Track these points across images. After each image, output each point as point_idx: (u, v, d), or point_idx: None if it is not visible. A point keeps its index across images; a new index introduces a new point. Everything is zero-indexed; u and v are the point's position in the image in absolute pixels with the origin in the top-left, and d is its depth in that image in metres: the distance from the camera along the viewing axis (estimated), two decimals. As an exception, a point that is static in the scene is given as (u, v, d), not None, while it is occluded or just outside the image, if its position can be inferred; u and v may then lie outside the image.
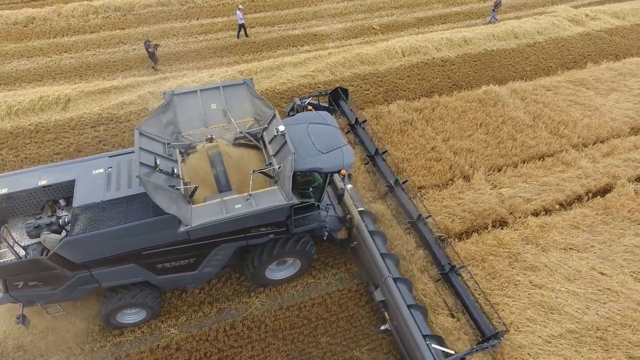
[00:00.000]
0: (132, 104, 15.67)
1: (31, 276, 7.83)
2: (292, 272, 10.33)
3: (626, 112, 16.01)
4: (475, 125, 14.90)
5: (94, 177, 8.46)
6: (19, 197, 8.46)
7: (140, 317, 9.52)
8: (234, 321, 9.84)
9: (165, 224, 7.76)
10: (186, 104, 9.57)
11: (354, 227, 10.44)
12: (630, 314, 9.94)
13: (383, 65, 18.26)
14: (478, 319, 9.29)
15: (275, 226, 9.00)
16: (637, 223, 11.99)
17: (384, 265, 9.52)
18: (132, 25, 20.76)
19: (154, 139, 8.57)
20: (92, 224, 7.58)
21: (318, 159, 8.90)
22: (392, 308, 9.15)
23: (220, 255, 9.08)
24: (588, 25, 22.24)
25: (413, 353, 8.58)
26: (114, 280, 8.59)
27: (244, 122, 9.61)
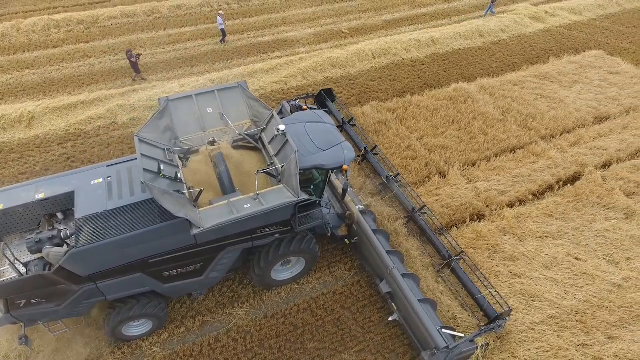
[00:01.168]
0: (100, 119, 15.25)
1: (34, 293, 7.57)
2: (297, 271, 10.33)
3: (589, 102, 16.64)
4: (447, 122, 15.17)
5: (94, 187, 8.29)
6: (15, 212, 8.20)
7: (146, 329, 9.31)
8: (219, 334, 9.61)
9: (173, 229, 7.70)
10: (182, 109, 9.50)
11: (354, 223, 10.50)
12: (607, 296, 10.24)
13: (354, 68, 18.42)
14: (482, 302, 9.44)
15: (281, 225, 9.00)
16: (606, 208, 12.42)
17: (388, 257, 9.65)
18: (97, 38, 20.25)
19: (153, 145, 8.45)
20: (98, 234, 7.40)
21: (319, 156, 9.02)
22: (400, 298, 9.25)
23: (227, 259, 9.03)
24: (548, 21, 23.10)
25: (424, 339, 8.72)
26: (121, 292, 8.36)
27: (241, 124, 9.62)
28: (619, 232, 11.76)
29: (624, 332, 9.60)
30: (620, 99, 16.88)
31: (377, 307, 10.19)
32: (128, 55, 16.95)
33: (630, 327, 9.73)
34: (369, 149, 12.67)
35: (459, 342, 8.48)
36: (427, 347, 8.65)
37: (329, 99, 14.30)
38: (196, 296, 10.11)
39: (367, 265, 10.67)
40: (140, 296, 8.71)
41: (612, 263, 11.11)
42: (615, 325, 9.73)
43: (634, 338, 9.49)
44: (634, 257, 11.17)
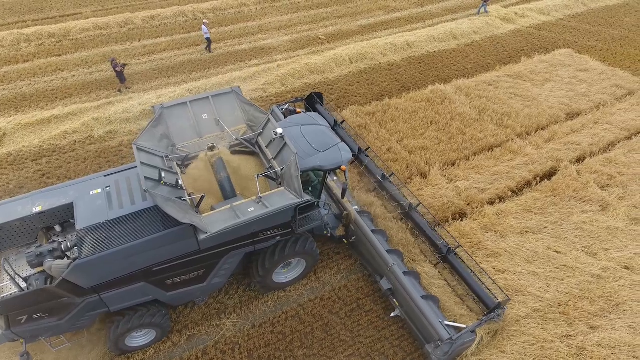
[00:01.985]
0: (75, 133, 14.93)
1: (36, 308, 7.41)
2: (298, 273, 10.41)
3: (561, 99, 17.15)
4: (426, 123, 15.40)
5: (93, 197, 8.18)
6: (12, 227, 8.05)
7: (149, 339, 9.18)
8: (206, 347, 9.44)
9: (177, 236, 7.69)
10: (177, 116, 9.47)
11: (351, 222, 10.63)
12: (587, 287, 10.49)
13: (332, 74, 18.55)
14: (480, 293, 9.58)
15: (282, 228, 9.03)
16: (582, 201, 12.76)
17: (387, 254, 9.82)
18: (69, 51, 19.85)
19: (151, 153, 8.38)
20: (102, 245, 7.32)
21: (317, 158, 9.13)
22: (401, 294, 9.44)
23: (229, 264, 9.01)
24: (518, 22, 23.78)
25: (427, 332, 8.95)
26: (124, 302, 8.23)
27: (237, 129, 9.65)
28: (595, 224, 12.09)
29: (605, 321, 9.84)
30: (590, 95, 17.46)
31: (365, 311, 10.20)
32: (113, 65, 16.72)
33: (611, 315, 9.98)
34: (363, 149, 12.90)
35: (461, 332, 8.72)
36: (431, 339, 8.90)
37: (319, 102, 14.42)
38: (199, 303, 10.05)
39: (366, 263, 10.78)
40: (143, 306, 8.59)
41: (591, 254, 11.40)
42: (597, 315, 9.97)
43: (614, 326, 9.74)
44: (610, 248, 11.50)
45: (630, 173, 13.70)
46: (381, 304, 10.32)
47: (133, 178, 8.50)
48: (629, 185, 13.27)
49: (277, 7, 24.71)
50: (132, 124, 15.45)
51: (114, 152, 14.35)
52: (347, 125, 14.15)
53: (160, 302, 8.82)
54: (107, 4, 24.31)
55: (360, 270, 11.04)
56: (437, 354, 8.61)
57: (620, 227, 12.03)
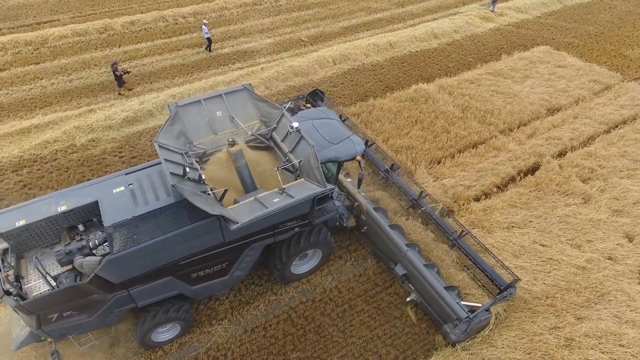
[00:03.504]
0: (57, 142, 14.63)
1: (67, 306, 7.53)
2: (314, 264, 10.68)
3: (541, 95, 17.49)
4: (411, 123, 15.53)
5: (117, 195, 8.30)
6: (38, 227, 8.10)
7: (174, 333, 9.38)
8: (198, 354, 9.33)
9: (203, 229, 7.89)
10: (192, 113, 9.59)
11: (362, 213, 10.93)
12: (573, 279, 10.70)
13: (316, 75, 18.58)
14: (491, 274, 9.96)
15: (300, 219, 9.29)
16: (565, 194, 13.03)
17: (400, 241, 10.19)
18: (48, 59, 19.46)
19: (171, 150, 8.56)
20: (131, 240, 7.47)
21: (332, 150, 9.49)
22: (416, 278, 9.81)
23: (250, 256, 9.26)
24: (497, 21, 24.20)
25: (444, 312, 9.32)
26: (151, 297, 8.41)
27: (250, 125, 9.82)
28: (578, 216, 12.36)
29: (592, 312, 10.05)
30: (569, 91, 17.86)
31: (357, 311, 10.22)
32: (113, 68, 16.66)
33: (597, 306, 10.21)
34: (367, 142, 13.08)
35: (478, 311, 9.09)
36: (448, 320, 9.27)
37: (320, 99, 14.50)
38: (220, 297, 10.21)
39: (379, 251, 11.07)
40: (168, 301, 8.75)
41: (575, 246, 11.65)
42: (583, 306, 10.18)
43: (600, 316, 9.96)
44: (594, 239, 11.76)
45: (610, 166, 14.05)
46: (373, 304, 10.37)
47: (154, 175, 8.73)
48: (609, 178, 13.60)
49: (259, 10, 24.65)
50: (115, 131, 15.21)
51: (97, 161, 14.10)
52: (351, 122, 14.27)
53: (184, 296, 9.01)
54: (84, 10, 23.92)
55: (350, 271, 11.08)
56: (455, 333, 9.07)
57: (602, 219, 12.32)
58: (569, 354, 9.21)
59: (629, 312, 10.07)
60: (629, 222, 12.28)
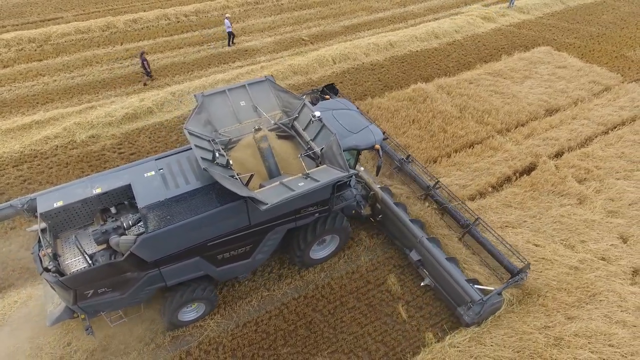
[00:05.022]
0: (57, 138, 14.83)
1: (102, 283, 7.96)
2: (332, 249, 11.11)
3: (540, 96, 17.47)
4: (408, 122, 15.58)
5: (149, 179, 8.73)
6: (74, 208, 8.53)
7: (199, 313, 9.82)
8: (190, 348, 9.46)
9: (231, 211, 8.32)
10: (217, 103, 10.06)
11: (378, 202, 11.34)
12: (564, 278, 10.72)
13: (316, 74, 18.67)
14: (503, 260, 10.34)
15: (321, 205, 9.70)
16: (560, 195, 13.04)
17: (415, 228, 10.61)
18: (50, 56, 19.69)
19: (200, 137, 8.97)
20: (165, 220, 7.90)
21: (353, 138, 9.97)
22: (431, 263, 10.22)
23: (272, 240, 9.66)
24: (499, 21, 24.15)
25: (458, 295, 9.68)
26: (179, 277, 8.83)
27: (273, 115, 10.23)
28: (573, 217, 12.36)
29: (582, 312, 10.08)
30: (568, 91, 17.82)
31: (348, 308, 10.30)
32: (142, 59, 17.23)
33: (588, 306, 10.23)
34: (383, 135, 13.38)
35: (491, 294, 9.49)
36: (462, 302, 9.62)
37: (333, 92, 14.75)
38: (241, 279, 10.63)
39: (394, 239, 11.49)
40: (195, 281, 9.18)
41: (569, 247, 11.66)
42: (574, 306, 10.20)
43: (591, 316, 9.98)
44: (587, 240, 11.76)
45: (606, 167, 14.03)
46: (364, 301, 10.45)
47: (183, 161, 9.16)
48: (606, 179, 13.58)
49: (261, 9, 24.77)
50: (115, 128, 15.40)
51: (96, 157, 14.28)
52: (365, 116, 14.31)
53: (209, 277, 9.42)
54: (88, 7, 24.16)
55: (343, 269, 11.17)
56: (469, 315, 9.41)
57: (597, 220, 12.32)
58: (558, 353, 9.25)
59: (620, 313, 10.09)
60: (624, 223, 12.27)
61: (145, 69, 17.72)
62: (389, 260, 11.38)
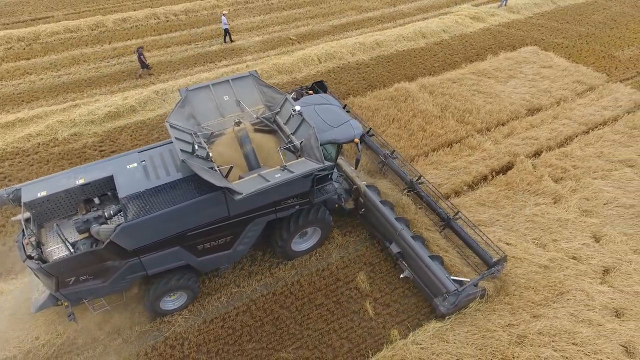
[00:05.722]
0: (39, 135, 14.99)
1: (83, 270, 8.21)
2: (314, 241, 11.35)
3: (523, 96, 17.47)
4: (388, 121, 15.62)
5: (131, 170, 8.95)
6: (58, 198, 8.74)
7: (181, 302, 10.07)
8: (156, 342, 9.57)
9: (210, 202, 8.52)
10: (200, 98, 10.22)
11: (360, 196, 11.59)
12: (533, 277, 10.74)
13: (300, 73, 18.74)
14: (481, 252, 10.54)
15: (301, 197, 9.92)
16: (536, 194, 13.05)
17: (395, 221, 10.82)
18: (38, 55, 19.87)
19: (181, 130, 9.16)
20: (144, 210, 8.12)
21: (332, 132, 10.12)
22: (409, 255, 10.47)
23: (253, 232, 9.86)
24: (488, 21, 24.13)
25: (435, 286, 9.91)
26: (160, 266, 9.02)
27: (256, 109, 10.41)
28: (546, 215, 12.38)
29: (548, 310, 10.10)
30: (552, 91, 17.80)
31: (316, 304, 10.37)
32: (139, 53, 17.85)
33: (554, 304, 10.25)
34: (370, 132, 13.65)
35: (466, 285, 9.69)
36: (438, 294, 9.80)
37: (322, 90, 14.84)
38: (223, 270, 10.84)
39: (376, 232, 11.67)
40: (176, 270, 9.38)
41: (540, 245, 11.68)
42: (540, 304, 10.23)
43: (557, 315, 10.00)
44: (559, 239, 11.78)
45: (584, 166, 14.02)
46: (332, 298, 10.52)
47: (165, 154, 9.40)
48: (583, 178, 13.58)
49: (250, 9, 24.88)
50: (97, 126, 15.54)
51: (77, 154, 14.42)
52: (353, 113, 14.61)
53: (191, 268, 9.63)
54: (79, 6, 24.35)
55: (314, 266, 11.24)
56: (445, 305, 9.60)
57: (570, 219, 12.34)
58: (520, 351, 9.28)
59: (586, 312, 10.10)
60: (598, 223, 12.27)
61: (142, 62, 18.19)
62: (360, 258, 11.44)
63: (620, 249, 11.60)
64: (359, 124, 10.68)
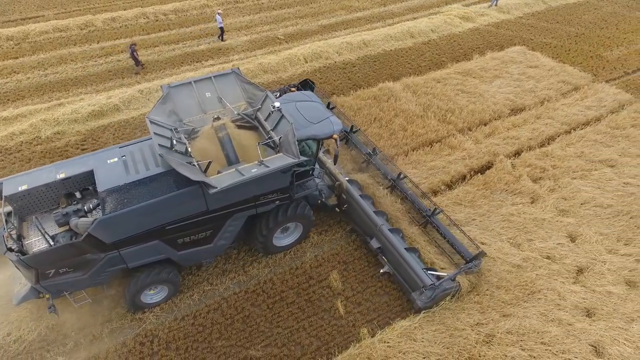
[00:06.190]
0: (22, 134, 15.07)
1: (63, 263, 8.35)
2: (296, 237, 11.46)
3: (507, 95, 17.47)
4: (369, 120, 15.65)
5: (111, 165, 9.06)
6: (38, 192, 8.88)
7: (162, 296, 10.16)
8: (126, 339, 9.64)
9: (187, 196, 8.66)
10: (183, 94, 10.32)
11: (343, 192, 11.72)
12: (505, 276, 10.78)
13: (286, 73, 18.78)
14: (459, 248, 10.74)
15: (280, 192, 10.06)
16: (513, 194, 13.07)
17: (376, 216, 11.00)
18: (27, 54, 19.95)
19: (162, 125, 9.30)
20: (122, 203, 8.24)
21: (312, 128, 10.22)
22: (389, 250, 10.64)
23: (233, 226, 9.96)
24: (477, 21, 24.11)
25: (413, 281, 10.07)
26: (140, 259, 9.15)
27: (237, 106, 10.50)
28: (522, 215, 12.40)
29: (518, 309, 10.13)
30: (536, 91, 17.81)
31: (287, 303, 10.43)
32: (131, 49, 18.09)
33: (525, 304, 10.28)
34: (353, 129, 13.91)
35: (443, 279, 9.88)
36: (416, 288, 9.98)
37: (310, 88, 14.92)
38: (207, 264, 10.90)
39: (357, 227, 11.82)
40: (157, 264, 9.50)
41: (515, 245, 11.71)
42: (510, 304, 10.26)
43: (526, 314, 10.04)
44: (534, 238, 11.81)
45: (564, 166, 14.03)
46: (304, 296, 10.57)
47: (146, 149, 9.50)
48: (561, 178, 13.60)
49: (240, 8, 24.92)
50: (80, 125, 15.61)
51: (59, 153, 14.49)
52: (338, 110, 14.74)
53: (172, 261, 9.73)
54: (69, 6, 24.43)
55: (288, 265, 11.29)
56: (421, 299, 9.83)
57: (547, 219, 12.36)
58: (487, 350, 9.32)
59: (556, 311, 10.14)
60: (574, 222, 12.29)
61: (136, 59, 18.43)
62: (335, 257, 11.49)
63: (595, 249, 11.62)
64: (339, 121, 10.84)
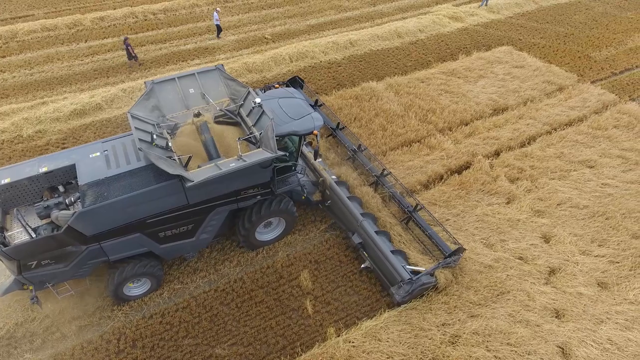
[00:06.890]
0: (4, 132, 15.14)
1: (45, 255, 8.48)
2: (279, 232, 11.59)
3: (490, 95, 17.42)
4: (349, 119, 15.63)
5: (93, 159, 9.20)
6: (21, 185, 9.03)
7: (145, 288, 10.30)
8: (93, 337, 9.69)
9: (167, 190, 8.76)
10: (166, 90, 10.47)
11: (326, 188, 11.90)
12: (475, 277, 10.76)
13: (270, 72, 18.79)
14: (439, 243, 10.97)
15: (262, 187, 10.19)
16: (490, 194, 13.05)
17: (357, 212, 11.22)
18: (14, 53, 20.03)
19: (144, 120, 9.43)
20: (102, 196, 8.38)
21: (292, 124, 10.35)
22: (369, 245, 10.79)
23: (215, 220, 10.09)
24: (466, 20, 24.03)
25: (391, 276, 10.19)
26: (122, 252, 9.28)
27: (221, 102, 10.66)
28: (497, 216, 12.38)
29: (486, 310, 10.12)
30: (520, 91, 17.75)
31: (256, 302, 10.46)
32: (126, 44, 18.22)
33: (493, 304, 10.27)
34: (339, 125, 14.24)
35: (421, 274, 10.02)
36: (395, 282, 10.09)
37: (299, 85, 15.30)
38: (189, 258, 10.96)
39: (340, 222, 12.02)
40: (139, 257, 9.61)
41: (488, 245, 11.69)
42: (479, 304, 10.25)
43: (494, 315, 10.03)
44: (507, 239, 11.79)
45: (542, 167, 14.00)
46: (273, 295, 10.59)
47: (128, 144, 9.61)
48: (539, 179, 13.57)
49: (229, 8, 24.93)
50: (62, 123, 15.67)
51: (39, 151, 14.55)
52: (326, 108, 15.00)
53: (155, 255, 9.87)
54: (59, 5, 24.50)
55: (259, 263, 11.31)
56: (399, 293, 9.94)
57: (521, 219, 12.34)
58: (452, 350, 9.32)
59: (524, 312, 10.13)
60: (549, 223, 12.27)
61: (129, 53, 18.56)
62: (307, 256, 11.50)
63: (568, 250, 11.60)
64: (320, 117, 10.95)
